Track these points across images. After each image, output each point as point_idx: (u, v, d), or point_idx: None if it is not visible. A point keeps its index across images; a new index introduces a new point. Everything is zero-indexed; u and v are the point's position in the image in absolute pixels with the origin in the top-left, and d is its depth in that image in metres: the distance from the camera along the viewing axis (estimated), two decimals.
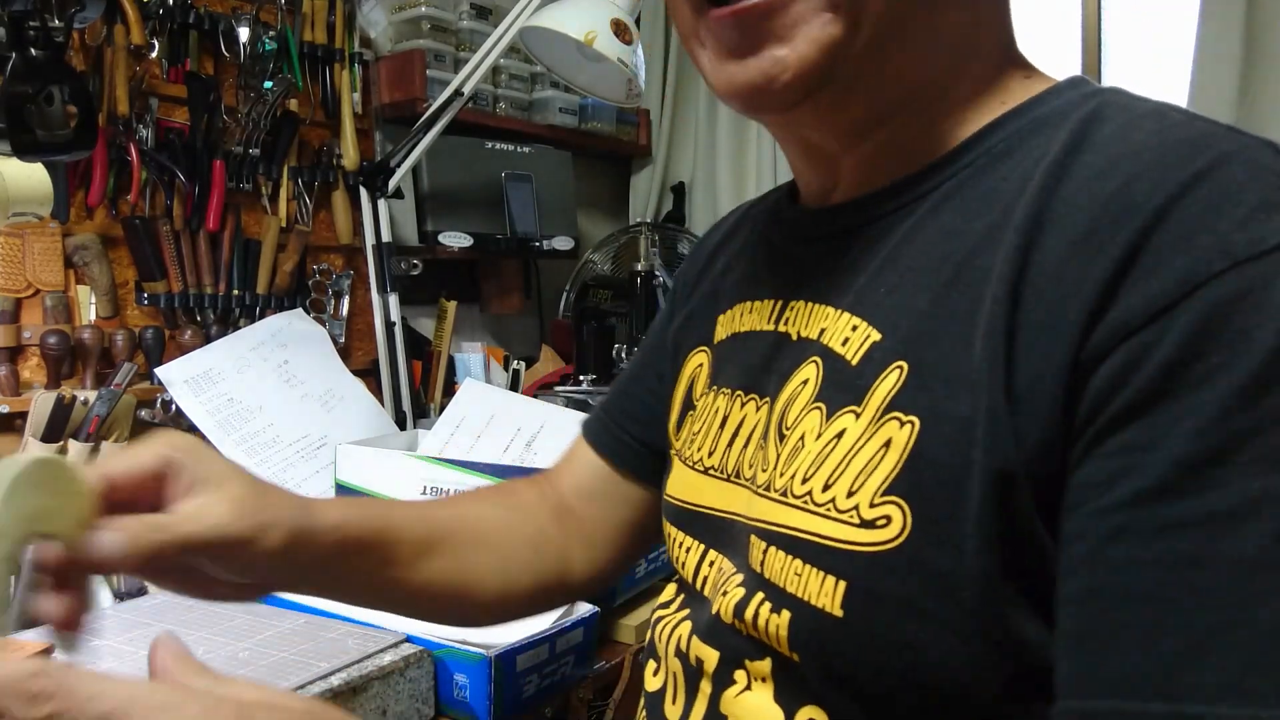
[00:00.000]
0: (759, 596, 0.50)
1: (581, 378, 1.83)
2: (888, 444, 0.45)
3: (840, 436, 0.48)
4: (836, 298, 0.53)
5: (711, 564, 0.58)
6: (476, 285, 2.06)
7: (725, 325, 0.65)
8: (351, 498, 0.62)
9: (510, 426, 1.36)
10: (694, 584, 0.60)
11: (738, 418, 0.59)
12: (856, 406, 0.48)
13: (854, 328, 0.51)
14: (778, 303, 0.59)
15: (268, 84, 1.53)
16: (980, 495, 0.42)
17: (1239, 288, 0.38)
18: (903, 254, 0.50)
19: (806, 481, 0.49)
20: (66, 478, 0.46)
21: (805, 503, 0.49)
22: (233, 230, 1.52)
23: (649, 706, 0.60)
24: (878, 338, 0.49)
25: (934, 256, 0.48)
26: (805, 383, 0.53)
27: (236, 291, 1.53)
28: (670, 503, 0.65)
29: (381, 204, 1.70)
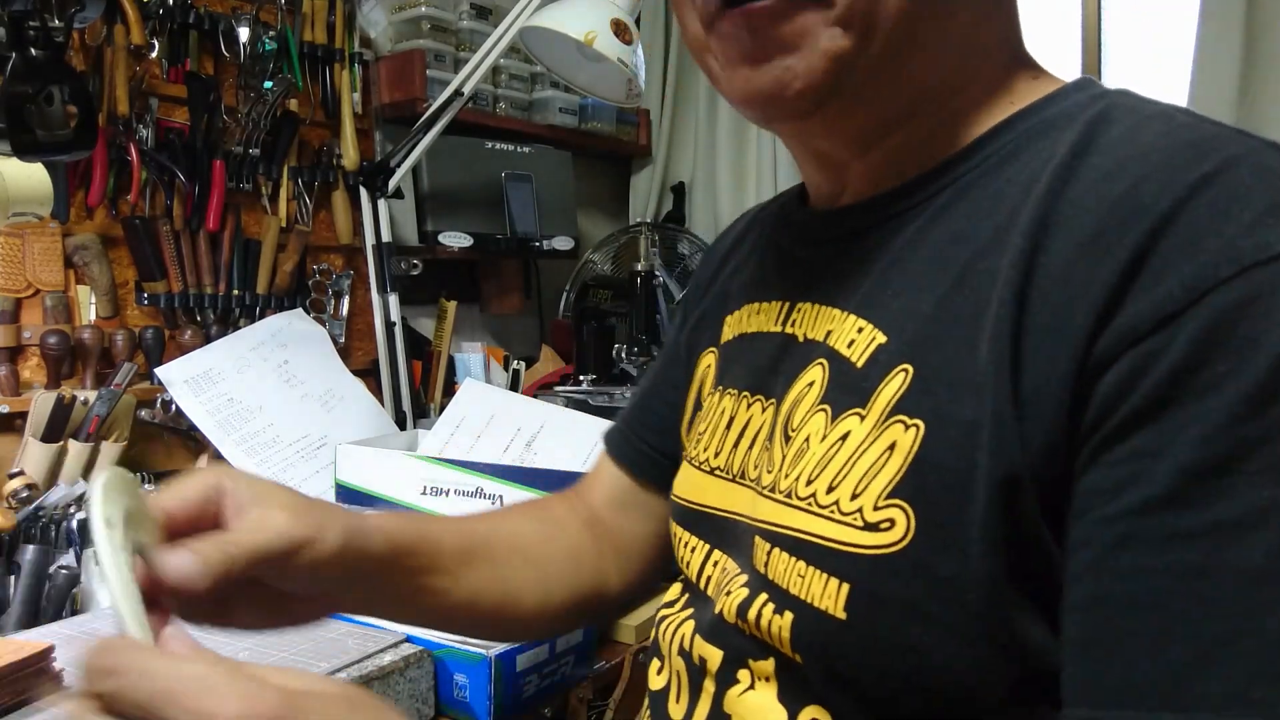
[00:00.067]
0: (763, 597, 0.50)
1: (581, 378, 1.83)
2: (892, 447, 0.45)
3: (845, 439, 0.48)
4: (843, 300, 0.53)
5: (715, 564, 0.58)
6: (476, 285, 2.06)
7: (733, 326, 0.65)
8: (390, 512, 0.63)
9: (510, 426, 1.36)
10: (698, 583, 0.60)
11: (744, 419, 0.59)
12: (861, 409, 0.48)
13: (860, 330, 0.50)
14: (785, 304, 0.59)
15: (268, 84, 1.53)
16: (986, 499, 0.42)
17: (1246, 294, 0.38)
18: (909, 256, 0.50)
19: (811, 483, 0.49)
20: (140, 492, 0.47)
21: (809, 504, 0.49)
22: (233, 230, 1.53)
23: (652, 705, 0.60)
24: (883, 340, 0.49)
25: (940, 259, 0.48)
26: (811, 385, 0.53)
27: (236, 291, 1.53)
28: (676, 502, 0.65)
29: (381, 204, 1.70)
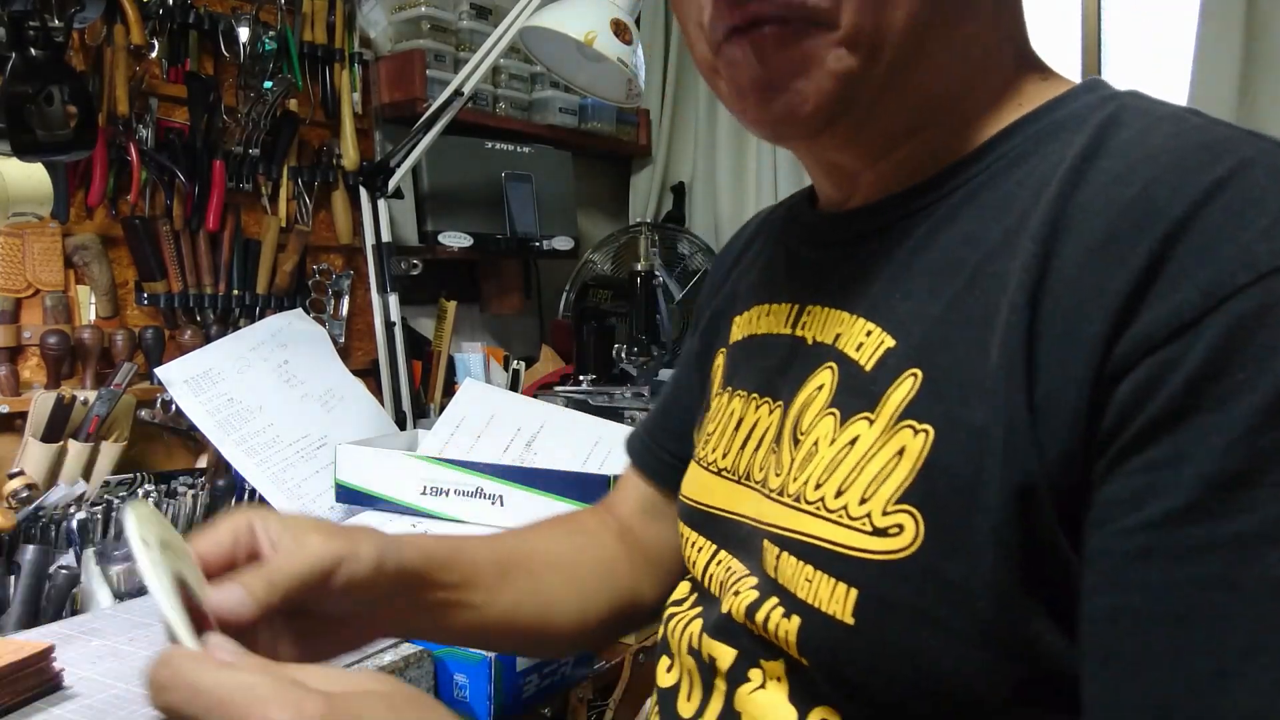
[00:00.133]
0: (772, 600, 0.50)
1: (581, 378, 1.83)
2: (901, 452, 0.45)
3: (853, 443, 0.48)
4: (852, 303, 0.53)
5: (720, 563, 0.58)
6: (476, 285, 2.06)
7: (741, 327, 0.65)
8: (424, 534, 0.64)
9: (510, 426, 1.36)
10: (703, 582, 0.60)
11: (751, 420, 0.59)
12: (870, 413, 0.48)
13: (868, 333, 0.50)
14: (794, 306, 0.59)
15: (268, 84, 1.53)
16: (999, 507, 0.41)
17: (1263, 301, 0.37)
18: (918, 259, 0.50)
19: (819, 488, 0.49)
20: (169, 525, 0.48)
21: (817, 509, 0.49)
22: (233, 230, 1.53)
23: (661, 702, 0.60)
24: (892, 344, 0.49)
25: (949, 262, 0.48)
26: (820, 388, 0.52)
27: (236, 291, 1.53)
28: (684, 503, 0.65)
29: (381, 204, 1.70)
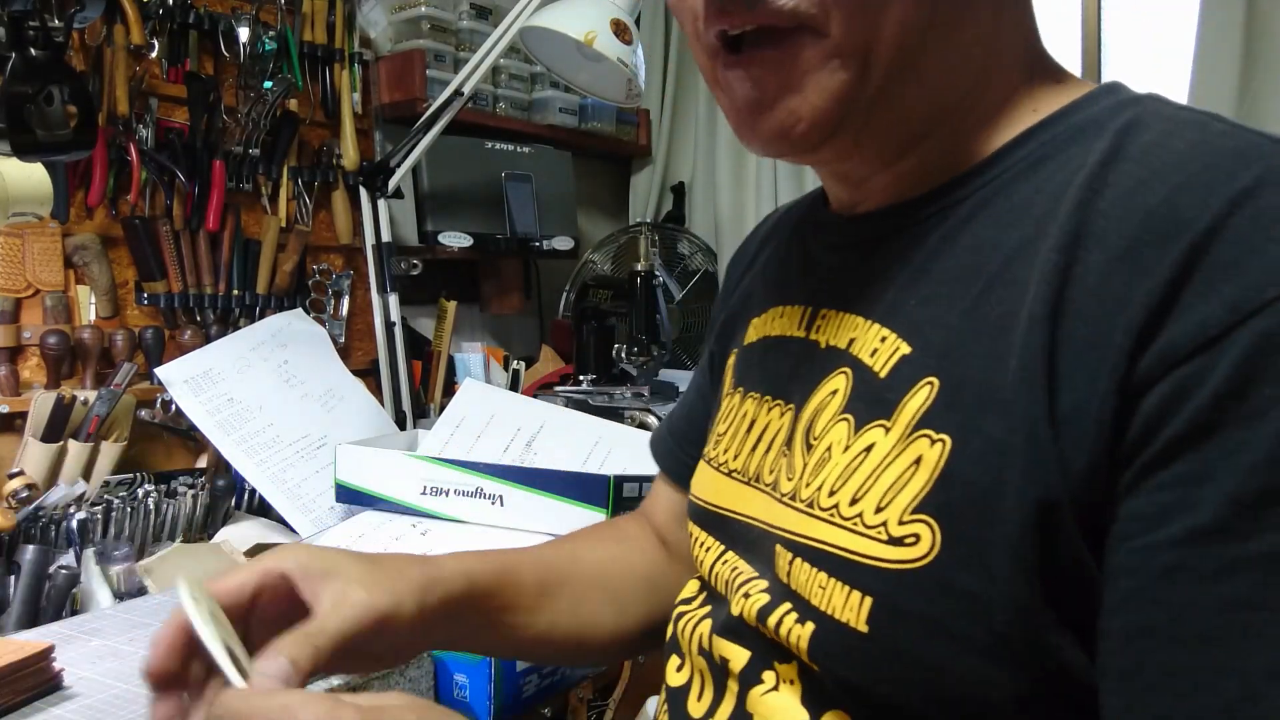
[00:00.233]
0: (785, 606, 0.50)
1: (581, 378, 1.83)
2: (918, 461, 0.45)
3: (869, 451, 0.48)
4: (866, 307, 0.53)
5: (725, 563, 0.58)
6: (476, 285, 2.06)
7: (757, 328, 0.65)
8: (470, 551, 0.64)
9: (510, 426, 1.36)
10: (710, 581, 0.60)
11: (763, 423, 0.59)
12: (886, 421, 0.47)
13: (883, 339, 0.50)
14: (808, 309, 0.59)
15: (268, 84, 1.53)
16: (1018, 520, 0.41)
17: None
18: (933, 265, 0.50)
19: (834, 494, 0.49)
20: (214, 601, 0.49)
21: (832, 515, 0.48)
22: (233, 230, 1.53)
23: (671, 701, 0.60)
24: (907, 351, 0.48)
25: (965, 268, 0.48)
26: (834, 393, 0.52)
27: (236, 291, 1.53)
28: (693, 502, 0.65)
29: (381, 204, 1.70)
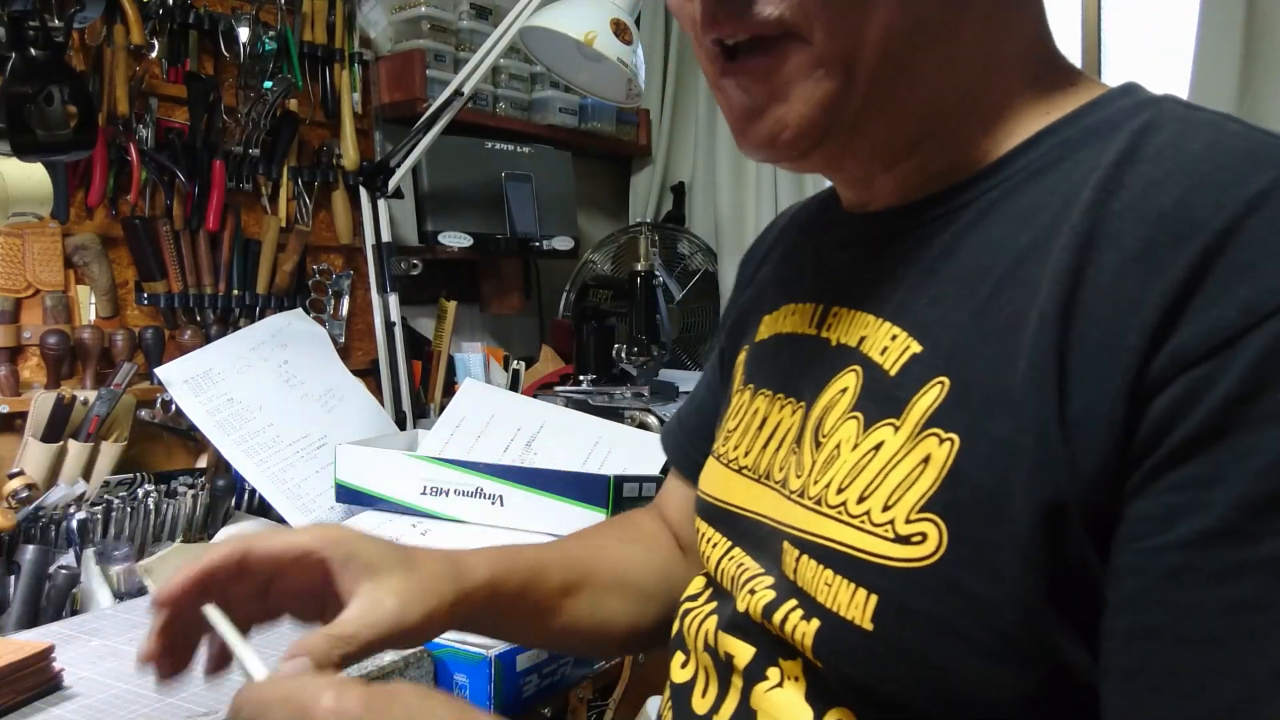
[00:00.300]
0: (791, 603, 0.50)
1: (581, 378, 1.83)
2: (926, 460, 0.45)
3: (878, 449, 0.48)
4: (876, 306, 0.53)
5: (731, 559, 0.58)
6: (476, 285, 2.06)
7: (769, 325, 0.65)
8: (498, 546, 0.66)
9: (510, 426, 1.36)
10: (716, 578, 0.60)
11: (775, 420, 0.59)
12: (895, 419, 0.47)
13: (893, 337, 0.50)
14: (819, 307, 0.59)
15: (268, 84, 1.53)
16: (1025, 521, 0.41)
17: None
18: (945, 264, 0.50)
19: (841, 492, 0.49)
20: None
21: (839, 513, 0.48)
22: (233, 230, 1.53)
23: (675, 698, 0.60)
24: (918, 350, 0.48)
25: (977, 268, 0.48)
26: (844, 391, 0.52)
27: (236, 291, 1.53)
28: (701, 498, 0.65)
29: (381, 204, 1.70)
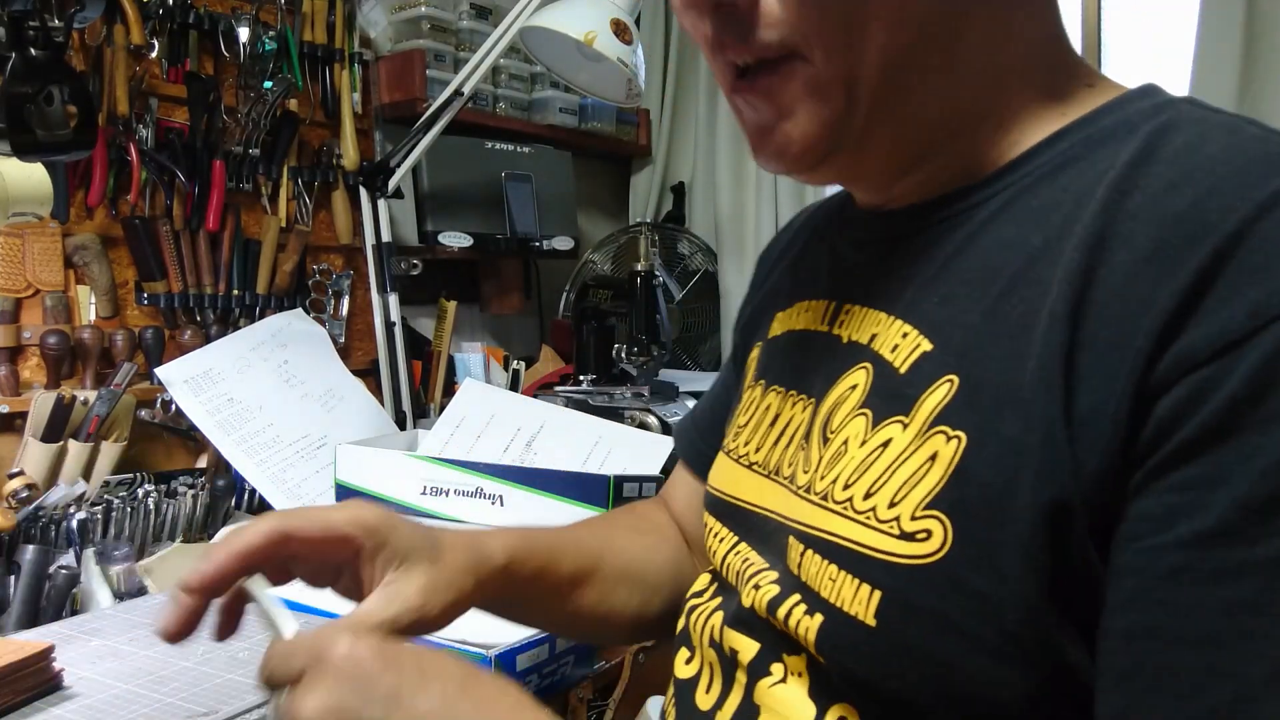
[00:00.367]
0: (795, 598, 0.50)
1: (581, 378, 1.83)
2: (933, 457, 0.45)
3: (886, 446, 0.48)
4: (889, 303, 0.53)
5: (737, 553, 0.59)
6: (476, 285, 2.06)
7: (782, 322, 0.65)
8: (515, 527, 0.67)
9: (510, 426, 1.36)
10: (721, 572, 0.60)
11: (786, 416, 0.60)
12: (904, 417, 0.47)
13: (904, 335, 0.50)
14: (831, 304, 0.59)
15: (268, 84, 1.53)
16: (1030, 522, 0.41)
17: None
18: (956, 263, 0.50)
19: (848, 488, 0.49)
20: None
21: (845, 509, 0.48)
22: (233, 230, 1.52)
23: (678, 694, 0.60)
24: (929, 348, 0.48)
25: (988, 267, 0.48)
26: (854, 388, 0.52)
27: (236, 291, 1.53)
28: (710, 493, 0.66)
29: (381, 204, 1.70)
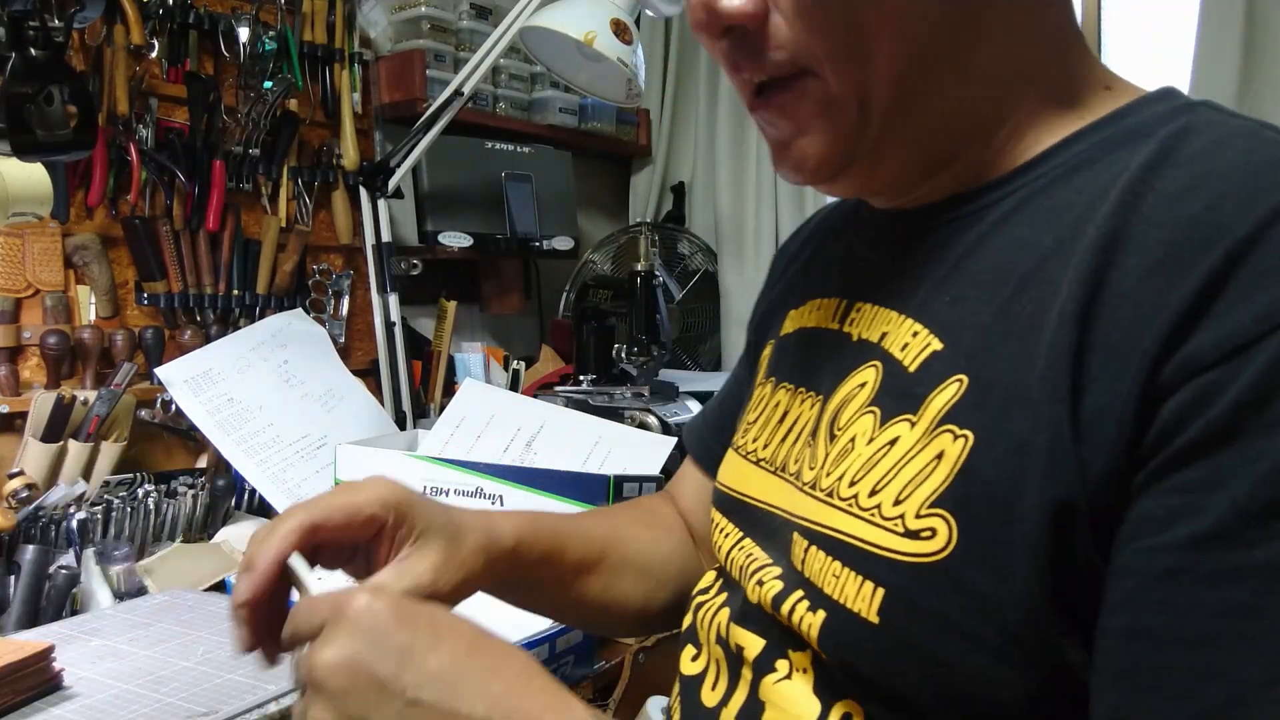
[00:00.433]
0: (799, 593, 0.50)
1: (581, 378, 1.83)
2: (940, 456, 0.45)
3: (893, 444, 0.48)
4: (900, 302, 0.53)
5: (741, 549, 0.59)
6: (476, 285, 2.06)
7: (794, 320, 0.66)
8: (524, 511, 0.68)
9: (510, 426, 1.36)
10: (726, 568, 0.60)
11: (795, 414, 0.60)
12: (912, 415, 0.47)
13: (914, 334, 0.50)
14: (843, 302, 0.59)
15: (268, 84, 1.53)
16: (1036, 522, 0.41)
17: None
18: (968, 263, 0.50)
19: (854, 485, 0.49)
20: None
21: (850, 506, 0.48)
22: (233, 230, 1.52)
23: (684, 690, 0.60)
24: (939, 347, 0.48)
25: (1000, 268, 0.48)
26: (863, 385, 0.52)
27: (236, 291, 1.53)
28: (718, 489, 0.66)
29: (381, 204, 1.70)
